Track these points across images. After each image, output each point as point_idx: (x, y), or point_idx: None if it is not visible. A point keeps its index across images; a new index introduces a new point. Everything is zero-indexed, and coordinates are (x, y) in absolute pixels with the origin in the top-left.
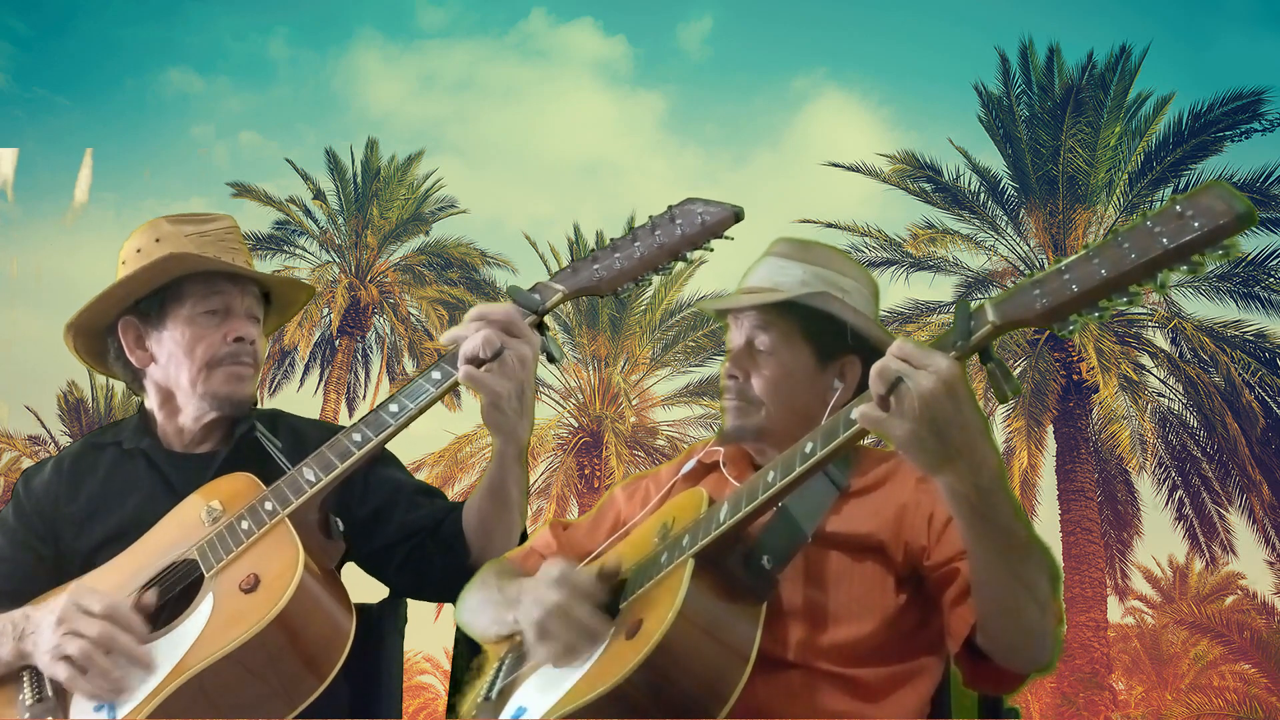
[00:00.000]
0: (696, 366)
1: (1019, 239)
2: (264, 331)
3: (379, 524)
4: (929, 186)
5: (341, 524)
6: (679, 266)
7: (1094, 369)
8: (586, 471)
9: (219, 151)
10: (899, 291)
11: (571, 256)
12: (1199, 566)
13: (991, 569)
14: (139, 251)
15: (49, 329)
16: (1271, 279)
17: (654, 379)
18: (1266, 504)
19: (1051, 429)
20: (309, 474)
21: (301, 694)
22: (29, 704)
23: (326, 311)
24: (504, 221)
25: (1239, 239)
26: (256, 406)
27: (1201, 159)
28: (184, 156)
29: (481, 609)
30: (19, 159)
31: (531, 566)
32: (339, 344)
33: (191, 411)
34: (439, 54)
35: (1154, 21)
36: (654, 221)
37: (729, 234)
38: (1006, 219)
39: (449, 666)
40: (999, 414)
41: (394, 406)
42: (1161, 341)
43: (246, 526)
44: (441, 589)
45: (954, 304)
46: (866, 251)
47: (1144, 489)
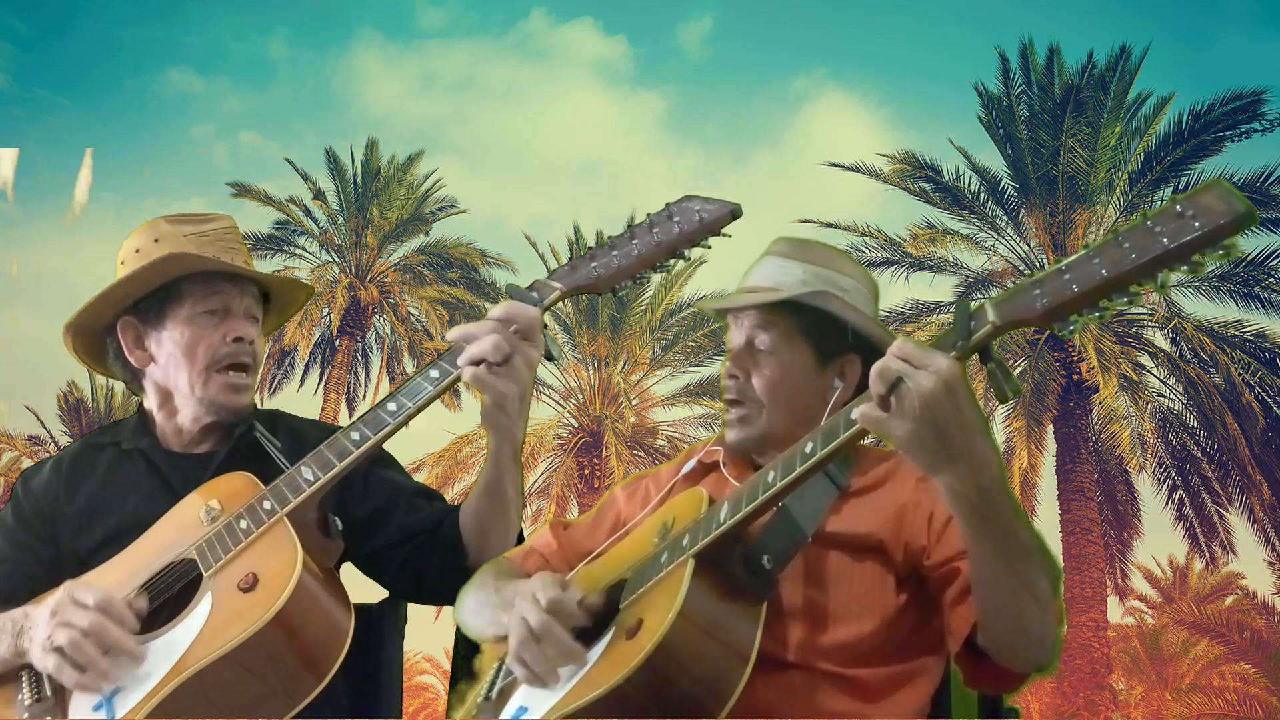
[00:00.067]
0: (696, 366)
1: (1019, 239)
2: (263, 331)
3: (378, 525)
4: (929, 186)
5: (340, 523)
6: (678, 265)
7: (1094, 369)
8: (586, 471)
9: (219, 151)
10: (899, 291)
11: (571, 257)
12: (1199, 566)
13: (992, 568)
14: (138, 252)
15: (49, 329)
16: (1271, 279)
17: (654, 379)
18: (1266, 504)
19: (1051, 429)
20: (307, 473)
21: (300, 693)
22: (28, 704)
23: (326, 311)
24: (504, 221)
25: (1239, 239)
26: (256, 408)
27: (1201, 159)
28: (184, 156)
29: (480, 609)
30: (19, 159)
31: (531, 566)
32: (339, 344)
33: (190, 412)
34: (439, 54)
35: (1154, 21)
36: (652, 219)
37: (727, 232)
38: (1006, 219)
39: (449, 666)
40: (999, 414)
41: (392, 405)
42: (1161, 341)
43: (245, 526)
44: (440, 591)
45: (954, 304)
46: (866, 251)
47: (1144, 489)
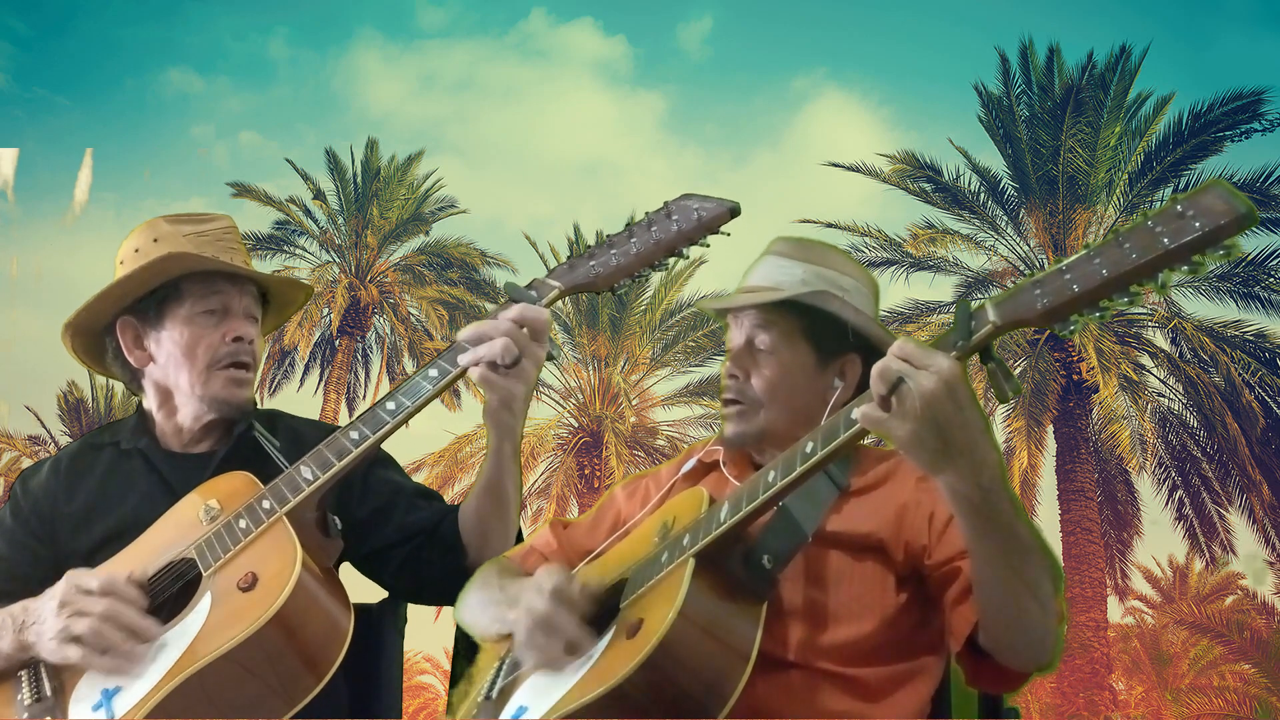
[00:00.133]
0: (696, 366)
1: (1019, 239)
2: (262, 331)
3: (377, 525)
4: (929, 186)
5: (339, 523)
6: (677, 263)
7: (1094, 369)
8: (586, 471)
9: (219, 151)
10: (899, 291)
11: (570, 256)
12: (1199, 566)
13: (993, 568)
14: (137, 251)
15: (49, 329)
16: (1271, 279)
17: (654, 379)
18: (1266, 504)
19: (1051, 429)
20: (307, 472)
21: (300, 692)
22: (27, 704)
23: (326, 311)
24: (504, 221)
25: (1239, 239)
26: (255, 407)
27: (1201, 159)
28: (184, 156)
29: (483, 608)
30: (19, 159)
31: (532, 565)
32: (339, 344)
33: (190, 411)
34: (439, 54)
35: (1154, 21)
36: (650, 218)
37: (726, 231)
38: (1006, 219)
39: (449, 666)
40: (999, 414)
41: (391, 404)
42: (1161, 341)
43: (244, 525)
44: (440, 591)
45: (954, 304)
46: (866, 251)
47: (1144, 489)
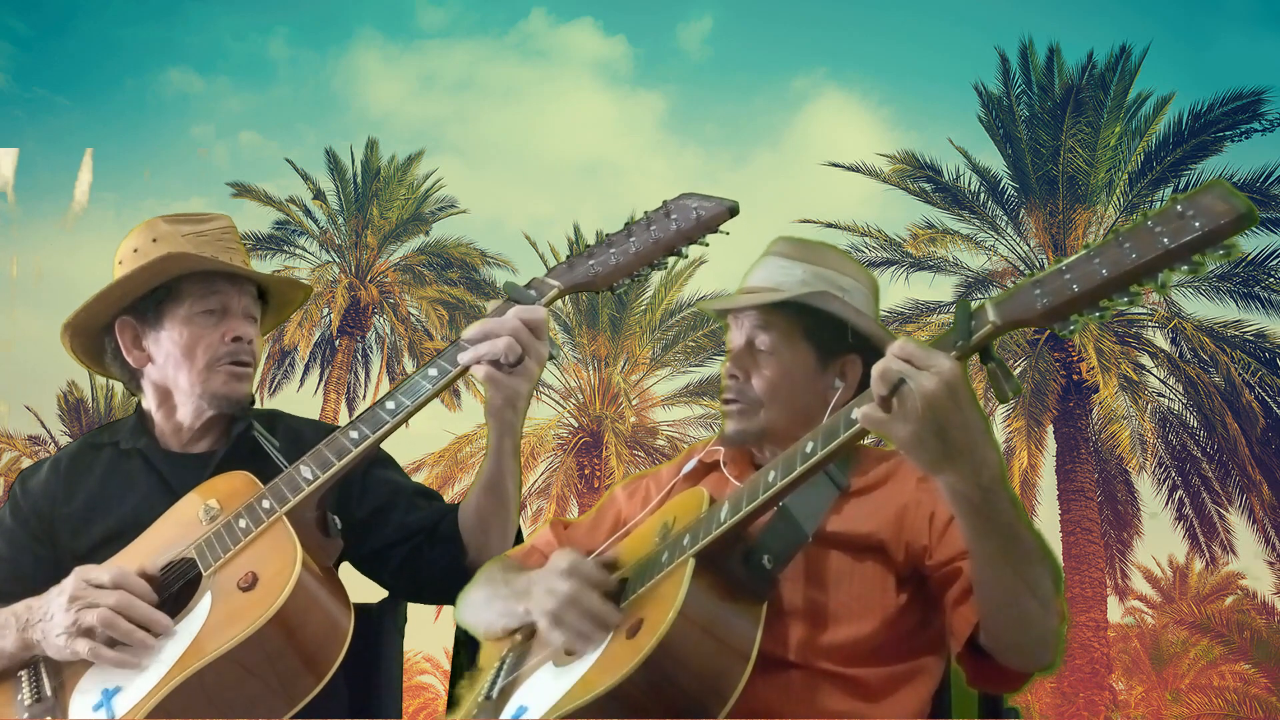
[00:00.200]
0: (696, 366)
1: (1019, 239)
2: (261, 331)
3: (377, 525)
4: (929, 186)
5: (339, 522)
6: (676, 263)
7: (1094, 369)
8: (586, 471)
9: (219, 151)
10: (899, 291)
11: (570, 255)
12: (1199, 566)
13: (994, 568)
14: (136, 251)
15: (49, 329)
16: (1271, 279)
17: (654, 379)
18: (1266, 504)
19: (1051, 429)
20: (306, 472)
21: (300, 692)
22: (28, 704)
23: (326, 311)
24: (504, 221)
25: (1239, 239)
26: (255, 406)
27: (1201, 159)
28: (184, 156)
29: (489, 604)
30: (19, 159)
31: (533, 564)
32: (339, 344)
33: (189, 411)
34: (439, 54)
35: (1154, 21)
36: (649, 217)
37: (726, 230)
38: (1006, 219)
39: (449, 666)
40: (999, 414)
41: (391, 404)
42: (1161, 341)
43: (244, 525)
44: (439, 590)
45: (954, 304)
46: (866, 251)
47: (1144, 489)
